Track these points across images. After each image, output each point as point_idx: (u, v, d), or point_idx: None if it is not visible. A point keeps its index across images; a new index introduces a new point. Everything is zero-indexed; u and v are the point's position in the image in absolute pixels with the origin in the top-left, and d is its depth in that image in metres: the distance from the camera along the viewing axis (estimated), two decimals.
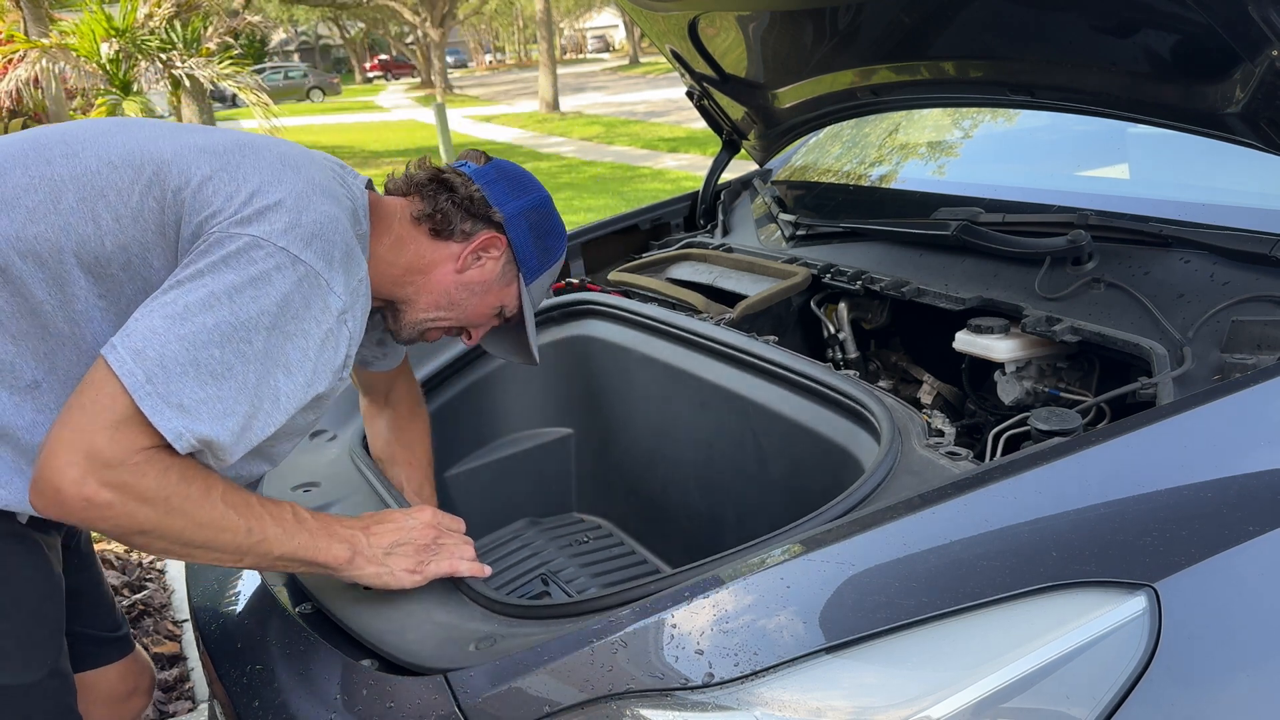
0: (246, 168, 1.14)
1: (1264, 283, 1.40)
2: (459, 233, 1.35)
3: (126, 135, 1.19)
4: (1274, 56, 1.27)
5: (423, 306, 1.37)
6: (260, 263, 1.06)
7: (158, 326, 1.02)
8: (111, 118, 1.28)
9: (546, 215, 1.45)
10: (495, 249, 1.38)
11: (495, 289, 1.42)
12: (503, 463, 2.04)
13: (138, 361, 1.00)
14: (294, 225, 1.09)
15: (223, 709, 1.24)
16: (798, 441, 1.56)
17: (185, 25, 10.17)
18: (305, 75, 37.56)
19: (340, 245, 1.14)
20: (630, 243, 2.55)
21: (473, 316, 1.43)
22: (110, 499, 1.00)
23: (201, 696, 2.40)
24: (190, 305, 1.03)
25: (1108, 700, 0.93)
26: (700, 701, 0.91)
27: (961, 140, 2.47)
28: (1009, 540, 1.02)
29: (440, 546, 1.26)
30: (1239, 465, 1.10)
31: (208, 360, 1.02)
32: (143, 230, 1.12)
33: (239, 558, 1.12)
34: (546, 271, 1.47)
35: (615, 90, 27.76)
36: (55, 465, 0.98)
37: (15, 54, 8.99)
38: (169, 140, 1.18)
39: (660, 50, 2.36)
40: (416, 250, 1.34)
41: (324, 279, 1.11)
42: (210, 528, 1.07)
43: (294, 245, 1.08)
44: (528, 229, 1.41)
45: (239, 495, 1.11)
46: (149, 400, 0.99)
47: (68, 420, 1.00)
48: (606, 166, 12.74)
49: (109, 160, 1.15)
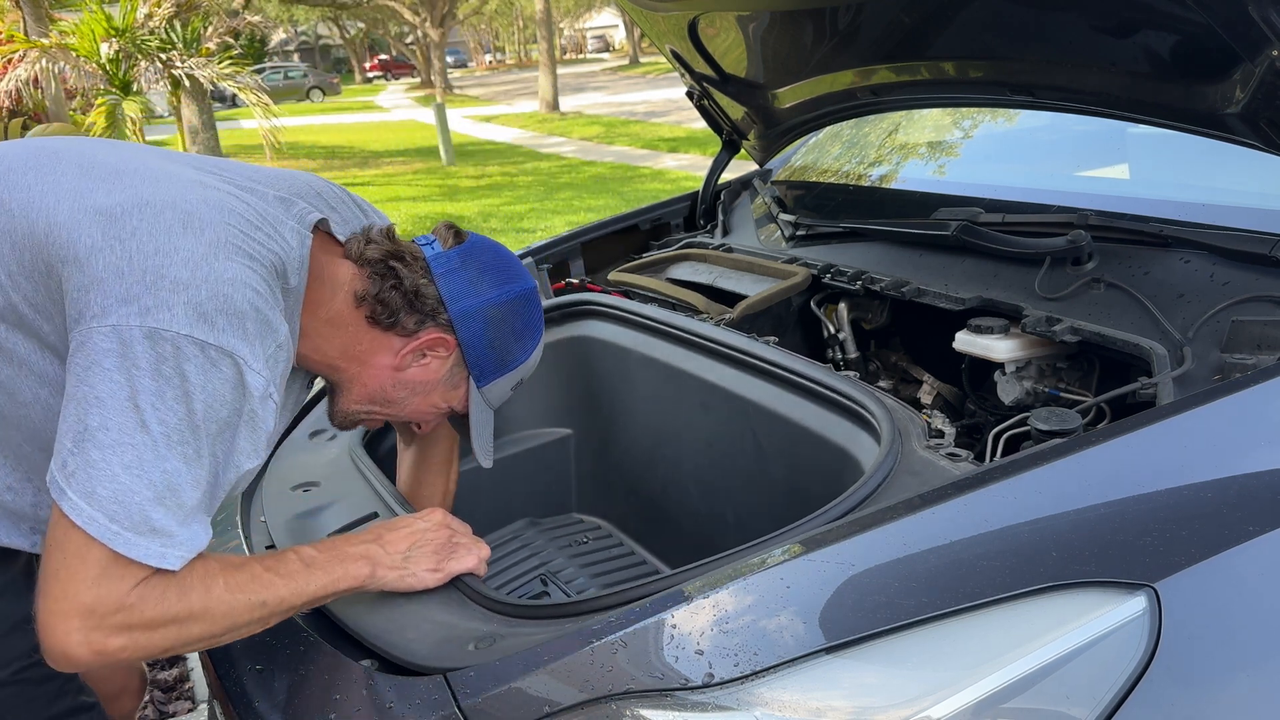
0: (141, 236, 1.02)
1: (1264, 283, 1.40)
2: (401, 326, 1.21)
3: (37, 176, 1.09)
4: (1274, 56, 1.27)
5: (355, 397, 1.27)
6: (170, 359, 0.98)
7: (97, 460, 0.96)
8: (38, 144, 1.17)
9: (515, 313, 1.29)
10: (442, 349, 1.25)
11: (439, 390, 1.29)
12: (502, 463, 2.04)
13: (94, 505, 0.95)
14: (193, 304, 0.99)
15: (223, 709, 1.24)
16: (798, 442, 1.56)
17: (185, 25, 10.17)
18: (305, 75, 37.58)
19: (250, 313, 1.03)
20: (630, 243, 2.55)
21: (412, 414, 1.33)
22: (122, 643, 0.99)
23: (201, 696, 2.40)
24: (124, 428, 0.96)
25: (1108, 700, 0.93)
26: (700, 702, 0.91)
27: (961, 140, 2.47)
28: (1009, 540, 1.02)
29: (456, 545, 1.25)
30: (1239, 465, 1.10)
31: (159, 476, 0.97)
32: (35, 292, 1.05)
33: (266, 621, 1.11)
34: (505, 375, 1.31)
35: (615, 90, 27.76)
36: (56, 636, 0.97)
37: (15, 54, 8.99)
38: (69, 197, 1.06)
39: (660, 50, 2.36)
40: (354, 335, 1.21)
41: (239, 359, 1.01)
42: (226, 619, 1.05)
43: (199, 329, 0.99)
44: (483, 329, 1.26)
45: (241, 573, 1.08)
46: (121, 539, 0.96)
47: (49, 590, 0.98)
48: (607, 166, 12.74)
49: (8, 207, 1.07)
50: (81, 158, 1.13)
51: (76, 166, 1.11)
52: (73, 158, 1.13)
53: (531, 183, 11.82)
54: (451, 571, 1.22)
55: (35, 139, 1.20)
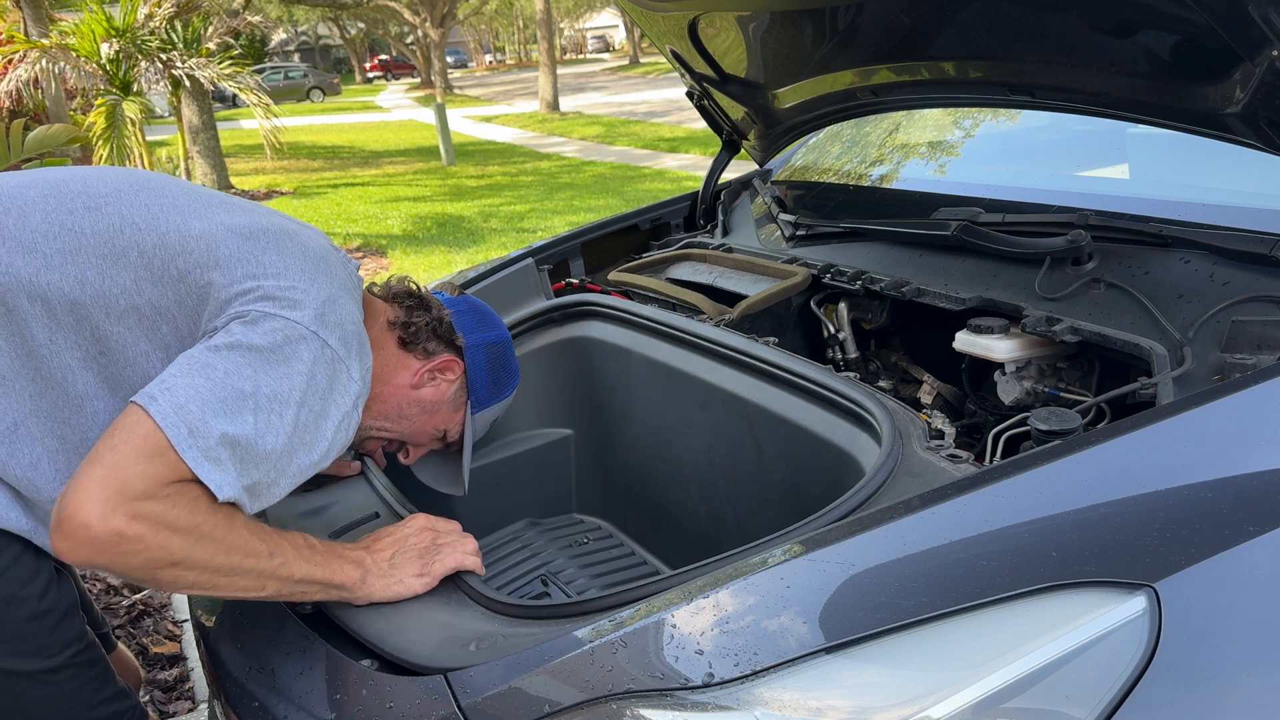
0: (273, 254, 1.19)
1: (1264, 283, 1.40)
2: (423, 350, 1.42)
3: (150, 198, 1.21)
4: (1274, 56, 1.27)
5: (372, 413, 1.39)
6: (293, 343, 1.11)
7: (199, 385, 1.05)
8: (131, 172, 1.30)
9: (504, 353, 1.56)
10: (452, 372, 1.47)
11: (444, 411, 1.49)
12: (503, 464, 2.04)
13: (180, 415, 1.02)
14: (321, 314, 1.15)
15: (223, 709, 1.24)
16: (798, 443, 1.56)
17: (185, 25, 10.16)
18: (305, 75, 37.58)
19: (356, 336, 1.21)
20: (630, 243, 2.55)
21: (415, 434, 1.49)
22: (142, 531, 1.00)
23: (201, 696, 2.40)
24: (229, 370, 1.06)
25: (1108, 700, 0.93)
26: (700, 701, 0.91)
27: (961, 140, 2.47)
28: (1009, 540, 1.02)
29: (440, 546, 1.27)
30: (1239, 465, 1.10)
31: (243, 425, 1.05)
32: (160, 296, 1.15)
33: (262, 583, 1.13)
34: (494, 405, 1.56)
35: (615, 90, 27.76)
36: (83, 501, 0.98)
37: (15, 54, 8.99)
38: (196, 214, 1.21)
39: (660, 50, 2.36)
40: (383, 356, 1.38)
41: (346, 364, 1.17)
42: (238, 552, 1.09)
43: (322, 330, 1.14)
44: (484, 361, 1.51)
45: (256, 523, 1.14)
46: (192, 452, 1.02)
47: (99, 458, 1.01)
48: (608, 166, 12.74)
49: (133, 221, 1.17)
50: (182, 185, 1.29)
51: (184, 192, 1.26)
52: (175, 185, 1.28)
53: (532, 183, 11.82)
54: (437, 574, 1.24)
55: (121, 169, 1.32)
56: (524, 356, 2.07)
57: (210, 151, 11.64)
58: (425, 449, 1.56)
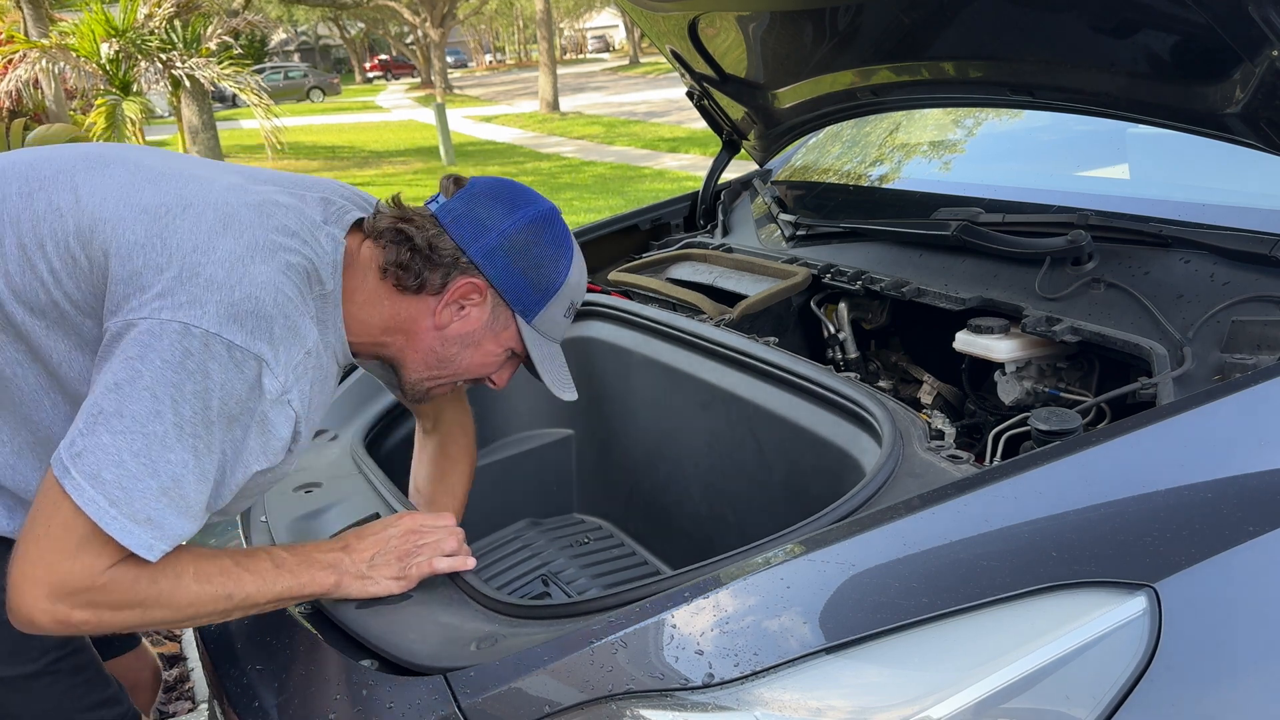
0: (182, 234, 1.05)
1: (1264, 283, 1.40)
2: (429, 285, 1.21)
3: (93, 177, 1.12)
4: (1274, 56, 1.27)
5: (414, 368, 1.27)
6: (196, 354, 1.00)
7: (108, 445, 0.97)
8: (93, 148, 1.21)
9: (537, 236, 1.25)
10: (476, 295, 1.23)
11: (489, 337, 1.27)
12: (504, 463, 2.04)
13: (97, 487, 0.97)
14: (225, 304, 1.02)
15: (222, 709, 1.24)
16: (799, 444, 1.56)
17: (185, 25, 10.17)
18: (305, 75, 37.57)
19: (280, 319, 1.05)
20: (630, 243, 2.55)
21: (473, 369, 1.30)
22: (85, 618, 1.01)
23: (201, 696, 2.40)
24: (138, 415, 0.98)
25: (1108, 700, 0.93)
26: (700, 702, 0.91)
27: (961, 140, 2.47)
28: (1009, 540, 1.02)
29: (420, 549, 1.24)
30: (1239, 465, 1.10)
31: (165, 467, 0.99)
32: (77, 288, 1.07)
33: (228, 615, 1.13)
34: (551, 301, 1.28)
35: (615, 90, 27.76)
36: (24, 599, 0.99)
37: (15, 54, 8.99)
38: (115, 195, 1.10)
39: (660, 50, 2.36)
40: (391, 308, 1.22)
41: (263, 361, 1.04)
42: (190, 607, 1.08)
43: (226, 329, 1.01)
44: (508, 262, 1.23)
45: (211, 564, 1.10)
46: (116, 524, 0.98)
47: (27, 553, 1.00)
48: (607, 166, 12.74)
49: (57, 207, 1.09)
50: (127, 161, 1.16)
51: (124, 168, 1.14)
52: (121, 160, 1.16)
53: (533, 183, 11.66)
54: (415, 578, 1.22)
55: (85, 145, 1.24)
56: None
57: (210, 151, 11.66)
58: (505, 371, 1.34)
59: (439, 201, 1.26)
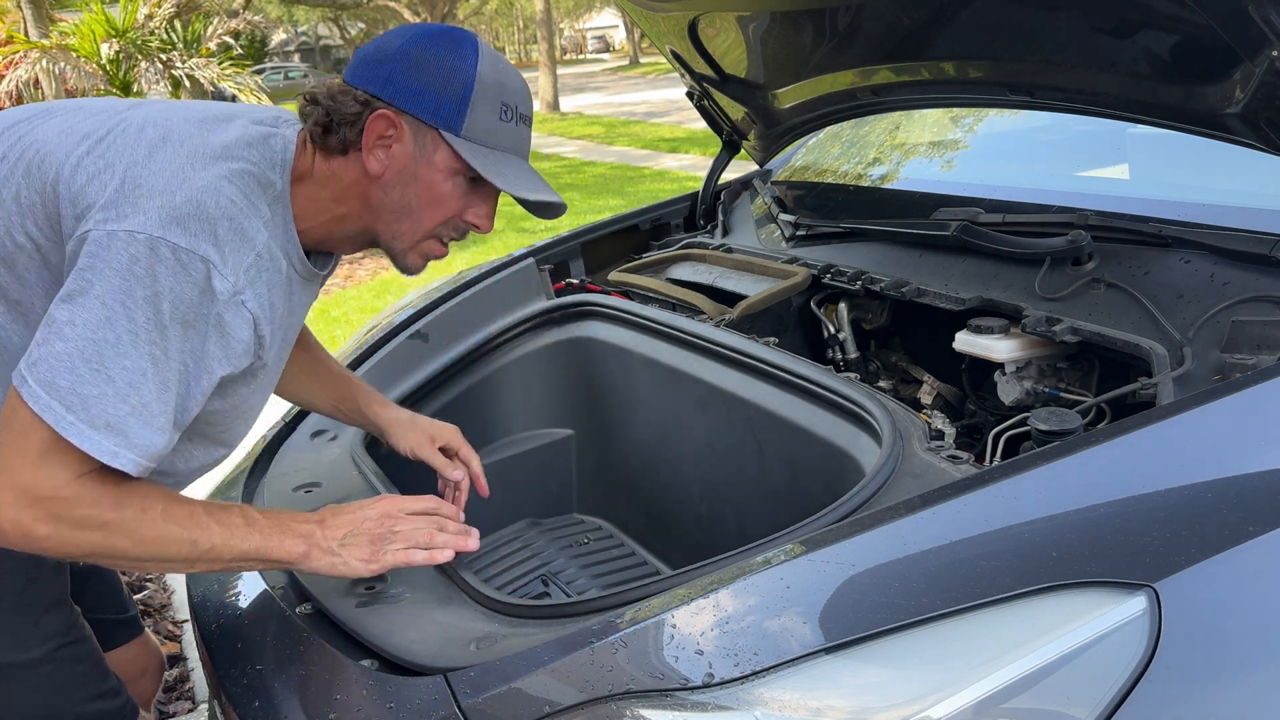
0: (120, 148, 1.09)
1: (1264, 283, 1.40)
2: (350, 139, 1.18)
3: (29, 126, 1.16)
4: (1274, 56, 1.27)
5: (383, 232, 1.24)
6: (143, 259, 1.01)
7: (61, 352, 0.99)
8: (34, 106, 1.25)
9: (429, 47, 1.17)
10: (391, 128, 1.17)
11: (424, 165, 1.19)
12: (503, 464, 2.04)
13: (52, 394, 0.99)
14: (167, 209, 1.03)
15: (223, 709, 1.24)
16: (799, 444, 1.56)
17: (186, 26, 10.17)
18: (305, 76, 37.59)
19: (223, 220, 1.06)
20: (630, 243, 2.55)
21: (433, 207, 1.22)
22: (47, 531, 1.01)
23: (201, 696, 2.40)
24: (90, 323, 1.00)
25: (1108, 700, 0.93)
26: (700, 702, 0.91)
27: (961, 140, 2.48)
28: (1009, 540, 1.02)
29: (396, 535, 1.23)
30: (1239, 465, 1.10)
31: (120, 374, 1.00)
32: (37, 226, 1.10)
33: (190, 565, 1.12)
34: (472, 105, 1.18)
35: (615, 91, 27.76)
36: None
37: (15, 54, 9.00)
38: (58, 130, 1.14)
39: (660, 50, 2.36)
40: (329, 179, 1.20)
41: (209, 263, 1.04)
42: (154, 544, 1.07)
43: (171, 232, 1.02)
44: (407, 80, 1.16)
45: (182, 508, 1.10)
46: (73, 429, 0.99)
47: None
48: (608, 166, 12.74)
49: (7, 158, 1.13)
50: (71, 105, 1.22)
51: (67, 110, 1.19)
52: (66, 107, 1.21)
53: None
54: (388, 564, 1.21)
55: (36, 104, 1.28)
56: (525, 357, 2.07)
57: None
58: (477, 205, 1.26)
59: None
